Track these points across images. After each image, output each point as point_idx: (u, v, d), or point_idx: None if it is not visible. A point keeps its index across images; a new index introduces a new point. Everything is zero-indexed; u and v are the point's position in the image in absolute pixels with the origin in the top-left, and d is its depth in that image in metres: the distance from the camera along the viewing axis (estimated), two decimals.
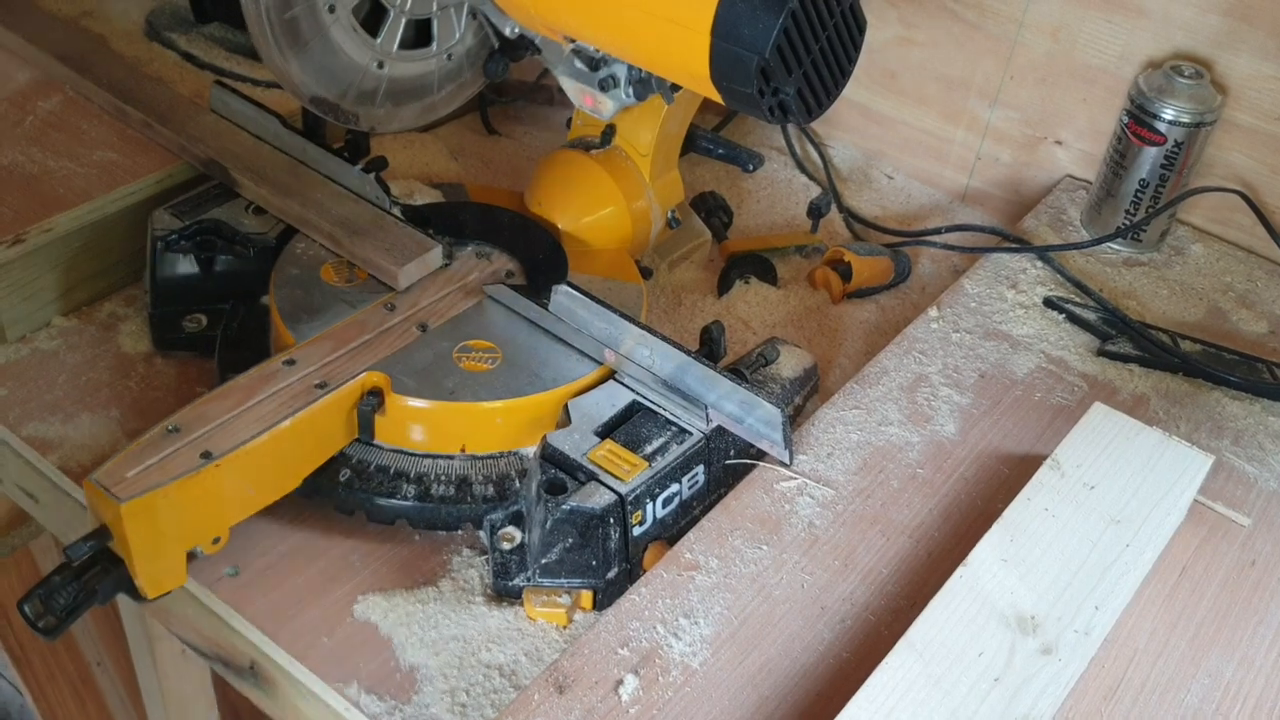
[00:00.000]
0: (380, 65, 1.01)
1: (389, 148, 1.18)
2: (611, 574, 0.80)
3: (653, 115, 1.02)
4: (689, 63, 0.76)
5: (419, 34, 1.05)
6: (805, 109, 0.74)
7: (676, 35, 0.73)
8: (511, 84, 1.29)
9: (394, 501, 0.83)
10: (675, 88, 0.98)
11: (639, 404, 0.86)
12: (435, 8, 1.03)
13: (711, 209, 1.18)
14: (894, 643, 0.70)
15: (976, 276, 1.08)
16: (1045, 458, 0.83)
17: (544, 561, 0.79)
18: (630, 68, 0.95)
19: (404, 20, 1.02)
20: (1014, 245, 1.13)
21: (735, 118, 1.35)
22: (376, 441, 0.85)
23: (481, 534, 0.84)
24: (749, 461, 0.86)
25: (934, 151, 1.30)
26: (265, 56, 0.94)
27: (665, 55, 0.81)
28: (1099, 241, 1.14)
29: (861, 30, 0.74)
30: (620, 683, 0.71)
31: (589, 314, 0.89)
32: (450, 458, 0.85)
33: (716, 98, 0.81)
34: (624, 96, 0.97)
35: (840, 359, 1.06)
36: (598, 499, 0.78)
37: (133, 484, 0.73)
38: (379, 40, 1.01)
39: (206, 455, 0.75)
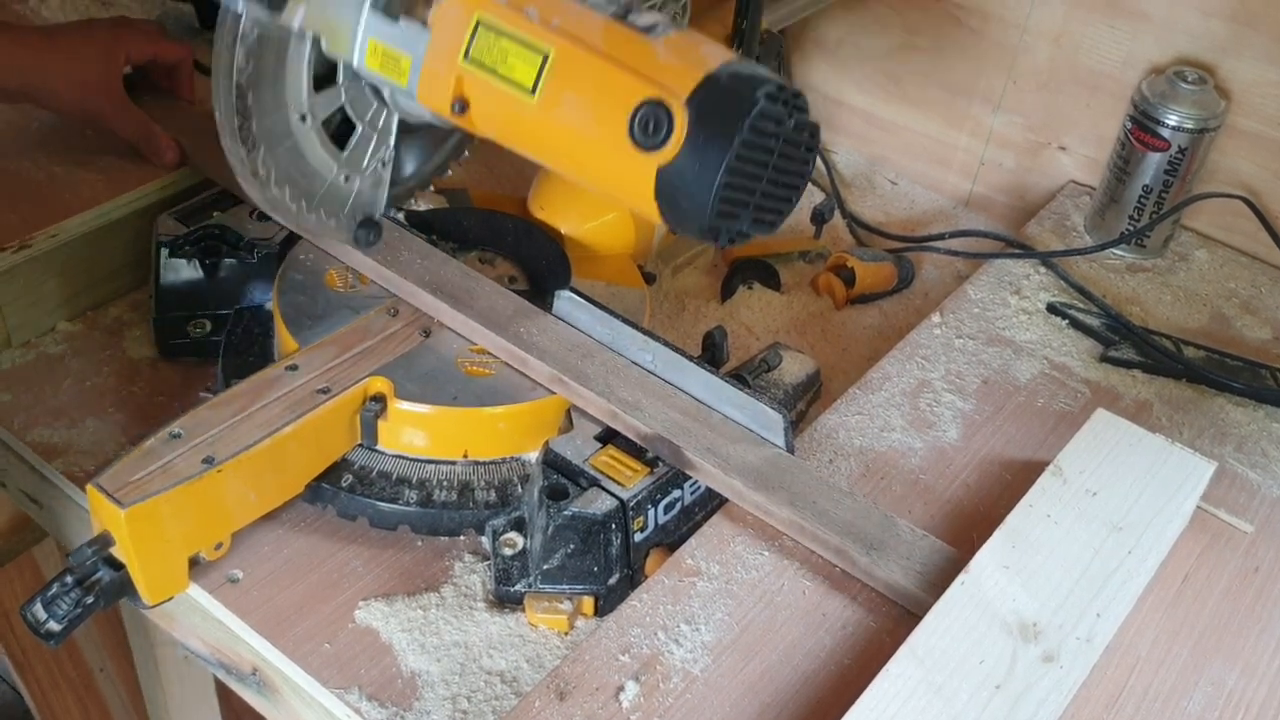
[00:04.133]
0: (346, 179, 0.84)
1: None
2: (613, 580, 0.80)
3: None
4: (647, 215, 0.73)
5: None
6: (764, 227, 0.72)
7: (628, 201, 0.71)
8: None
9: (396, 507, 0.83)
10: None
11: None
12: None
13: None
14: (895, 650, 0.70)
15: (980, 282, 1.08)
16: (1047, 464, 0.83)
17: (545, 567, 0.79)
18: None
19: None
20: (1017, 251, 1.13)
21: None
22: (379, 447, 0.85)
23: (483, 540, 0.84)
24: None
25: (937, 157, 1.30)
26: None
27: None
28: (1102, 247, 1.13)
29: (811, 148, 0.68)
30: (621, 689, 0.71)
31: (592, 319, 0.89)
32: (452, 463, 0.85)
33: None
34: None
35: (843, 364, 1.05)
36: (599, 505, 0.79)
37: (135, 489, 0.73)
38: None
39: (209, 460, 0.75)
